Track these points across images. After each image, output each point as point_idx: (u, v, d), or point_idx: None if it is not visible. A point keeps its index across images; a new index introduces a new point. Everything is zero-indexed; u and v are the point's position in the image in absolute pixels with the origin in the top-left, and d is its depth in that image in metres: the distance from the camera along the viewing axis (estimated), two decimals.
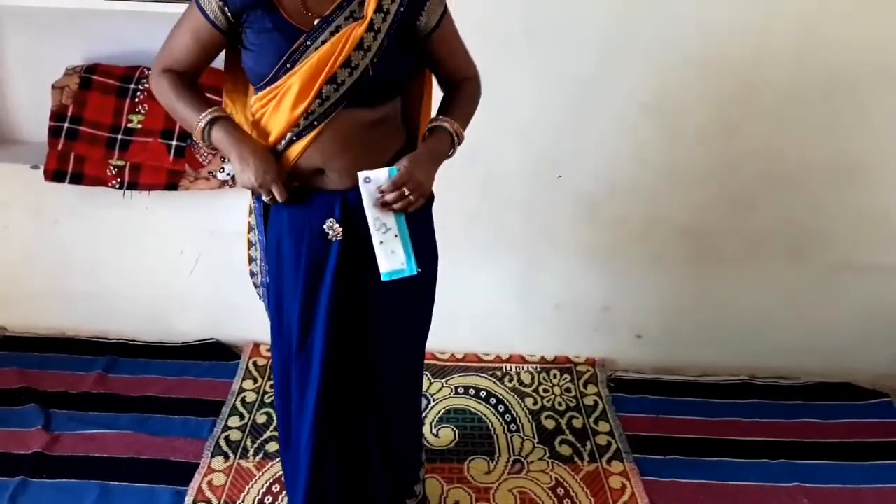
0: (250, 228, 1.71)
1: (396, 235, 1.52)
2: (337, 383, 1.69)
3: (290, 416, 1.80)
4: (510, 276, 2.69)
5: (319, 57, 1.46)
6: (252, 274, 1.76)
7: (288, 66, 1.49)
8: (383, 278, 1.53)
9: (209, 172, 2.42)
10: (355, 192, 1.52)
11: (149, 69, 2.36)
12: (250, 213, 1.69)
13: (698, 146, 2.49)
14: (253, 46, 1.52)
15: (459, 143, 1.64)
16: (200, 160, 2.42)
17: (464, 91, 1.69)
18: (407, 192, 1.50)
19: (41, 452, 2.29)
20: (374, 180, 1.50)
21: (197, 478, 2.24)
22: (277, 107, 1.52)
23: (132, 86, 2.45)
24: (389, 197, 1.50)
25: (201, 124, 1.54)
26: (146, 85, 2.43)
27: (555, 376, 2.73)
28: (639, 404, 2.64)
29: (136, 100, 2.44)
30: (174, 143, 2.41)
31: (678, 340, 2.77)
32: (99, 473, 2.24)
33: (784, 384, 2.75)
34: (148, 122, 2.43)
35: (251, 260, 1.74)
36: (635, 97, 2.42)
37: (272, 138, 1.56)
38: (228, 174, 2.41)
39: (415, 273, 1.55)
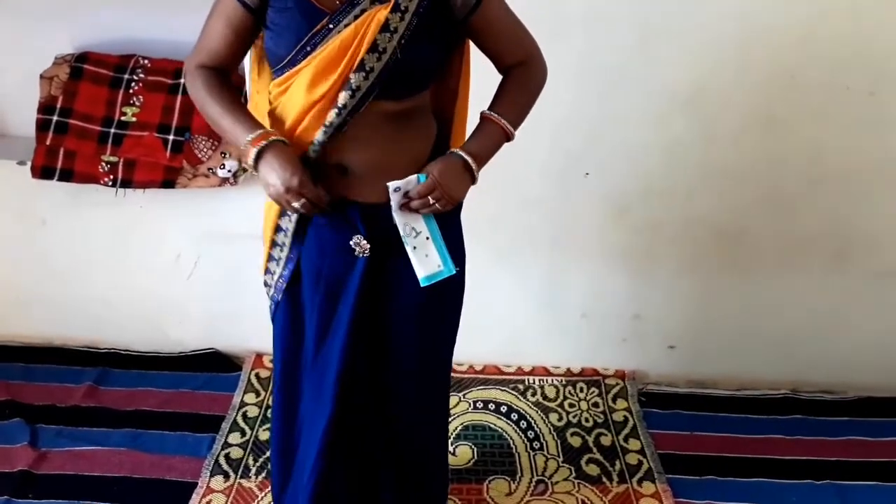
0: (274, 245, 1.70)
1: (428, 238, 1.56)
2: (351, 401, 1.70)
3: (291, 431, 1.81)
4: (533, 282, 2.68)
5: (342, 41, 1.45)
6: (266, 284, 1.78)
7: (308, 48, 1.48)
8: (422, 284, 1.56)
9: (209, 169, 2.40)
10: (381, 207, 1.54)
11: (144, 58, 2.46)
12: (277, 230, 1.68)
13: (736, 142, 2.47)
14: (273, 26, 1.52)
15: (510, 140, 1.63)
16: (199, 156, 2.40)
17: (516, 80, 1.65)
18: (432, 201, 1.52)
19: (27, 471, 2.27)
20: (402, 188, 1.52)
21: (195, 499, 2.23)
22: (293, 93, 1.51)
23: (126, 76, 2.43)
24: (414, 204, 1.52)
25: (252, 152, 1.50)
26: (141, 75, 2.43)
27: (581, 390, 2.72)
28: (672, 420, 2.62)
29: (131, 91, 2.42)
30: (171, 137, 2.40)
31: (714, 351, 2.76)
32: (89, 493, 2.22)
33: (829, 399, 2.74)
34: (143, 115, 2.41)
35: (267, 271, 1.75)
36: (669, 89, 2.40)
37: (288, 125, 1.55)
38: (229, 171, 2.40)
39: (453, 272, 1.57)
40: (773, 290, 2.66)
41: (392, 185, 1.51)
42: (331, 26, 1.46)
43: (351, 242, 1.58)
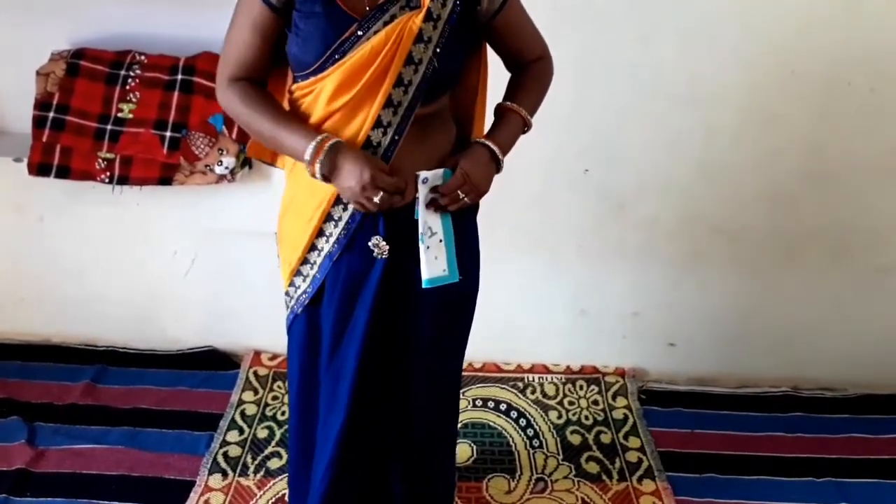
0: (305, 262, 1.65)
1: (441, 241, 1.55)
2: (365, 403, 1.70)
3: (312, 440, 1.79)
4: (532, 279, 2.68)
5: (372, 47, 1.42)
6: (287, 295, 1.73)
7: (336, 56, 1.45)
8: (424, 285, 1.55)
9: (206, 166, 2.39)
10: (401, 209, 1.53)
11: (140, 54, 2.45)
12: (311, 249, 1.63)
13: (736, 138, 2.48)
14: (300, 32, 1.48)
15: (527, 130, 1.64)
16: (196, 153, 2.40)
17: (531, 73, 1.67)
18: (462, 195, 1.52)
19: (24, 469, 2.27)
20: (430, 180, 1.52)
21: (193, 497, 2.23)
22: (317, 99, 1.50)
23: (123, 72, 2.42)
24: (444, 200, 1.52)
25: (319, 160, 1.45)
26: (138, 71, 2.42)
27: (581, 388, 2.72)
28: (672, 418, 2.62)
29: (127, 87, 2.42)
30: (168, 134, 2.39)
31: (714, 349, 2.75)
32: (87, 492, 2.22)
33: (829, 396, 2.74)
34: (140, 112, 2.40)
35: (292, 284, 1.70)
36: (668, 85, 2.41)
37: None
38: (227, 168, 2.39)
39: (456, 280, 1.58)
40: (773, 286, 2.66)
41: (421, 174, 1.50)
42: (360, 33, 1.43)
43: (370, 243, 1.57)
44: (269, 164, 1.76)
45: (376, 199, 1.45)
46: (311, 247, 1.62)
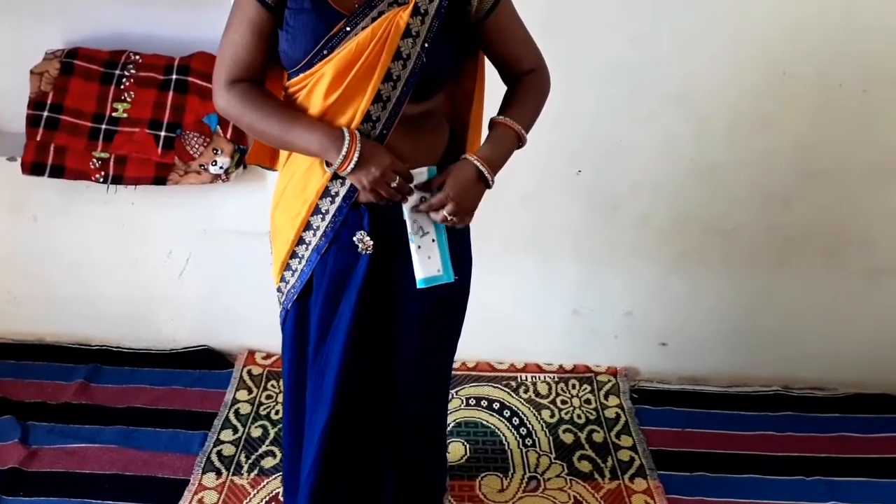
0: (294, 255, 1.67)
1: (434, 240, 1.54)
2: (352, 399, 1.70)
3: (301, 435, 1.80)
4: (525, 279, 2.67)
5: (358, 43, 1.43)
6: (279, 291, 1.74)
7: (324, 52, 1.46)
8: (419, 286, 1.55)
9: (200, 166, 2.39)
10: (388, 208, 1.53)
11: (135, 53, 2.44)
12: (299, 243, 1.64)
13: (728, 139, 2.47)
14: (290, 28, 1.49)
15: (522, 146, 1.63)
16: (191, 152, 2.39)
17: (526, 85, 1.65)
18: (448, 217, 1.51)
19: (17, 468, 2.27)
20: (415, 178, 1.51)
21: (187, 496, 2.23)
22: (310, 96, 1.50)
23: (117, 71, 2.42)
24: (424, 207, 1.52)
25: (357, 149, 1.45)
26: (132, 70, 2.42)
27: (573, 387, 2.71)
28: (664, 417, 2.62)
29: (122, 86, 2.41)
30: (163, 133, 2.39)
31: (706, 348, 2.75)
32: (80, 491, 2.22)
33: (820, 395, 2.74)
34: (134, 111, 2.40)
35: (282, 279, 1.71)
36: (661, 86, 2.40)
37: None
38: (221, 168, 2.39)
39: (452, 280, 1.57)
40: (764, 286, 2.65)
41: None
42: (347, 29, 1.44)
43: (354, 239, 1.57)
44: (268, 168, 1.76)
45: (394, 184, 1.48)
46: (300, 240, 1.63)
